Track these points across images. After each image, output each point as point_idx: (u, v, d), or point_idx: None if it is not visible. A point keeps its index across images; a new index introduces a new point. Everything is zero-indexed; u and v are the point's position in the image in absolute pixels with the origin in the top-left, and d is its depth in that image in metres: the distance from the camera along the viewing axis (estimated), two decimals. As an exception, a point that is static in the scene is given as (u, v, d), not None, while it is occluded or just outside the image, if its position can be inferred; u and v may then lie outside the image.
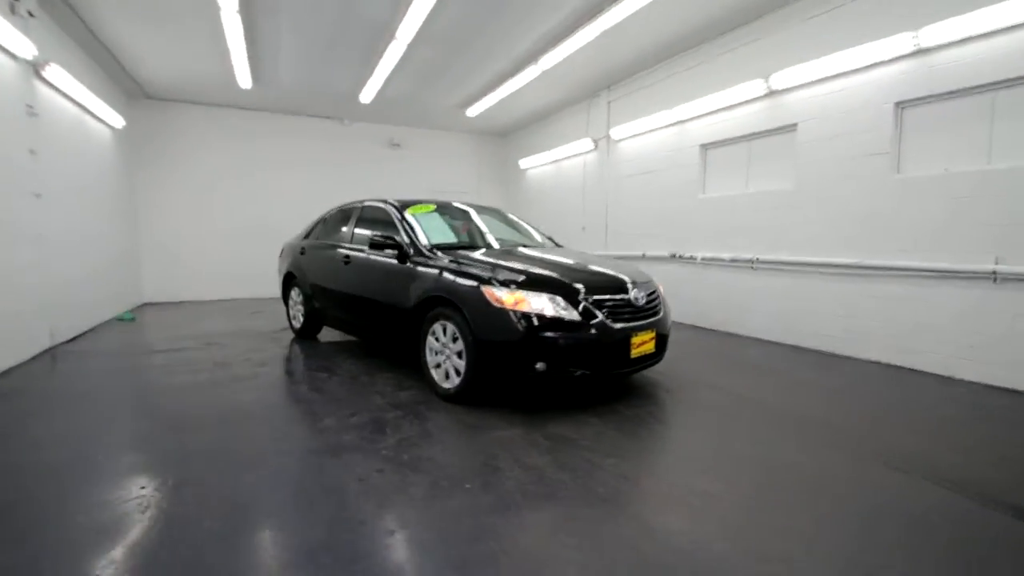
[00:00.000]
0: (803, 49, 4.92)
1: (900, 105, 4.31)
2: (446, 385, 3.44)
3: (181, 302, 8.64)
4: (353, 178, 9.79)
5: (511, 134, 10.94)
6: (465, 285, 3.26)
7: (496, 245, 4.27)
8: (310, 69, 6.96)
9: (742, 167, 5.85)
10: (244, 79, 6.98)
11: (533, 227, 5.01)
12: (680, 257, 6.50)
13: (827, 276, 4.87)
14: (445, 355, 3.43)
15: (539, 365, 3.00)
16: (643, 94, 7.07)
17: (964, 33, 3.82)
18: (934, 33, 3.95)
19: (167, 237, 8.61)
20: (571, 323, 3.05)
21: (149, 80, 7.43)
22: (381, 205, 4.55)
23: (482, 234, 4.42)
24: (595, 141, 8.14)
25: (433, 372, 3.56)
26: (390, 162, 10.14)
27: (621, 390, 3.70)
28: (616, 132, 7.53)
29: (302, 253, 5.45)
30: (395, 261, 3.93)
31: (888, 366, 4.39)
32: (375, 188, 9.75)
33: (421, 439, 2.81)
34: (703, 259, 6.18)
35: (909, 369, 4.27)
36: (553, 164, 9.50)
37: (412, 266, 3.76)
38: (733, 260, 5.79)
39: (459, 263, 3.48)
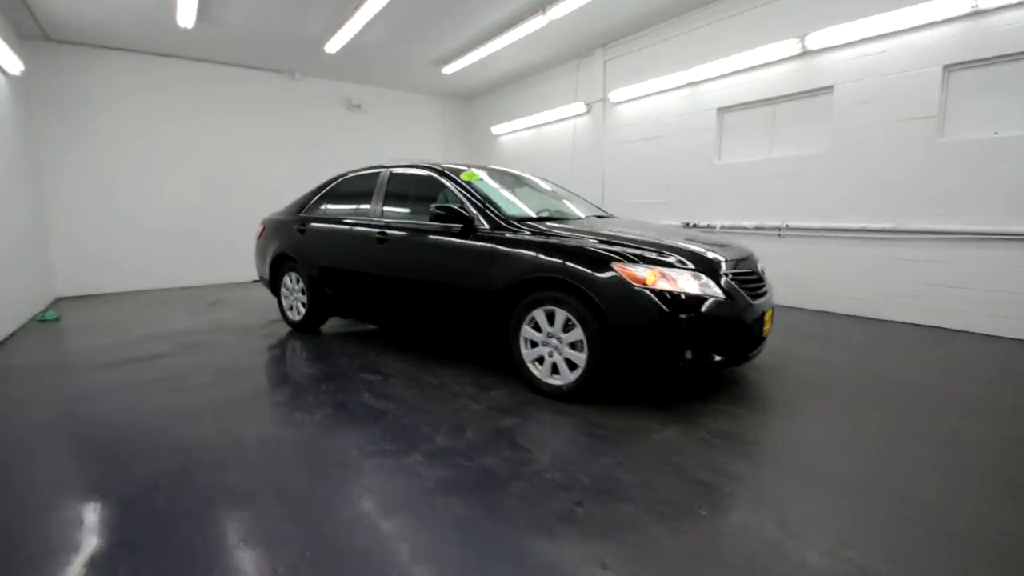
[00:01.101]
0: (842, 7, 4.80)
1: (948, 68, 4.32)
2: (554, 381, 2.95)
3: (104, 294, 7.14)
4: (306, 142, 8.58)
5: (479, 98, 10.15)
6: (588, 263, 2.76)
7: (566, 214, 3.75)
8: (273, 4, 5.77)
9: (764, 131, 5.72)
10: (187, 15, 5.65)
11: (572, 193, 4.52)
12: (695, 226, 6.34)
13: (863, 241, 4.91)
14: (551, 347, 2.93)
15: (688, 353, 2.61)
16: (648, 53, 6.70)
17: (1027, -5, 3.84)
18: (996, -7, 3.95)
19: (80, 214, 6.99)
20: (716, 302, 2.68)
21: (53, 17, 5.78)
22: (422, 172, 3.84)
23: (542, 203, 3.87)
24: (588, 104, 7.69)
25: (533, 367, 3.04)
26: (347, 125, 8.99)
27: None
28: (616, 95, 7.13)
29: (301, 232, 4.54)
30: (459, 239, 3.31)
31: (928, 327, 4.53)
32: (331, 154, 8.67)
33: (579, 453, 2.32)
34: (722, 227, 6.06)
35: (949, 329, 4.42)
36: (533, 130, 8.93)
37: (490, 243, 3.16)
38: (758, 228, 5.71)
39: (562, 237, 2.96)
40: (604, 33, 6.89)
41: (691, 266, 2.72)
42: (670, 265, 2.69)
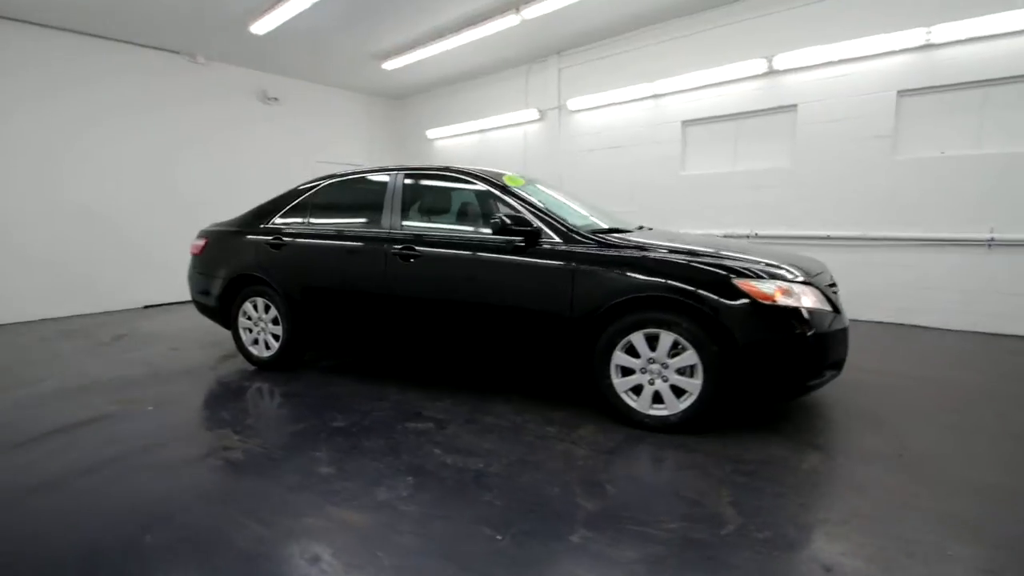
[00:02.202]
0: (808, 32, 5.18)
1: (901, 93, 4.86)
2: (657, 412, 2.62)
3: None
4: (210, 137, 7.21)
5: (410, 98, 9.46)
6: (706, 281, 2.49)
7: (625, 224, 3.44)
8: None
9: (729, 145, 6.00)
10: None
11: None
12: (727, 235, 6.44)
13: (832, 248, 5.33)
14: (652, 374, 2.62)
15: (829, 372, 2.47)
16: (609, 63, 6.70)
17: (969, 34, 4.42)
18: (944, 31, 4.50)
19: None
20: (831, 315, 2.57)
21: None
22: (454, 177, 3.29)
23: (586, 211, 3.53)
24: (541, 111, 7.50)
25: (627, 398, 2.69)
26: (261, 119, 7.76)
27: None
28: (575, 103, 7.03)
29: (275, 247, 3.66)
30: (522, 255, 2.85)
31: (891, 324, 5.04)
32: (241, 152, 7.48)
33: (754, 498, 2.02)
34: (692, 236, 6.22)
35: (912, 326, 4.95)
36: (478, 135, 8.52)
37: (568, 260, 2.76)
38: (727, 236, 5.96)
39: (662, 252, 2.66)
40: (560, 40, 6.76)
41: (802, 279, 2.60)
42: (786, 279, 2.54)
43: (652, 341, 2.60)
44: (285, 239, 3.64)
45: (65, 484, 2.20)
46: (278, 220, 3.78)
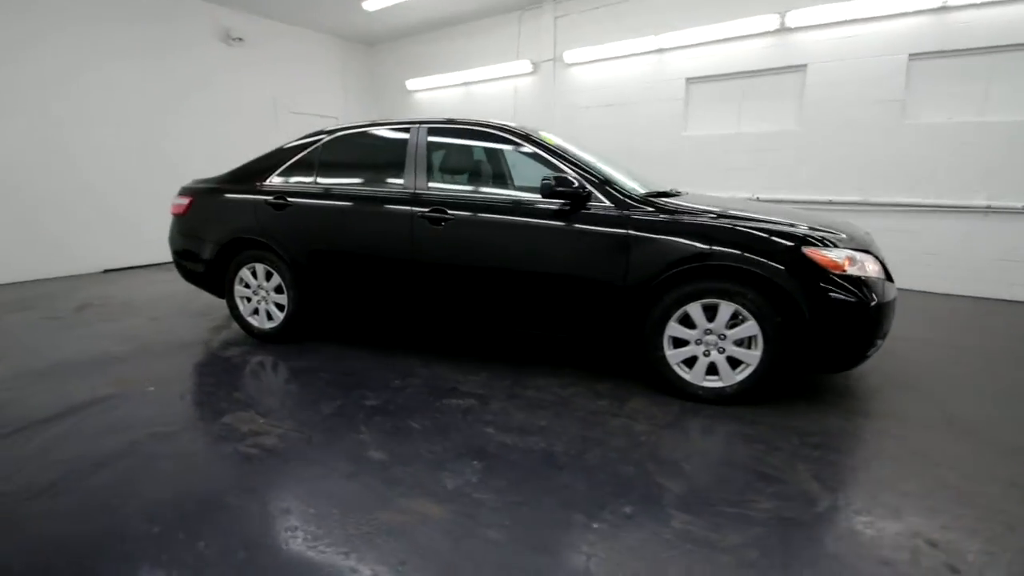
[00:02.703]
0: (822, -12, 5.01)
1: (913, 57, 4.81)
2: (711, 384, 2.55)
3: None
4: (165, 83, 6.44)
5: (386, 44, 8.75)
6: (773, 249, 2.37)
7: (670, 190, 3.26)
8: None
9: (733, 104, 5.86)
10: None
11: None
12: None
13: (833, 213, 5.37)
14: (708, 345, 2.53)
15: (879, 342, 2.44)
16: (609, 13, 6.34)
17: (987, -3, 4.39)
18: (962, -8, 4.44)
19: None
20: (887, 284, 2.53)
21: None
22: (486, 132, 3.02)
23: (626, 173, 3.31)
24: (535, 64, 7.09)
25: (680, 369, 2.60)
26: (223, 63, 6.98)
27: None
28: (571, 55, 6.66)
29: (277, 208, 3.29)
30: (568, 220, 2.66)
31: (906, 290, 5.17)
32: (201, 98, 6.76)
33: (840, 473, 2.00)
34: (692, 199, 6.13)
35: (917, 291, 5.06)
36: (463, 88, 8.01)
37: (621, 227, 2.58)
38: (730, 199, 5.90)
39: (724, 219, 2.51)
40: (557, -15, 6.33)
41: (863, 247, 2.53)
42: (851, 247, 2.46)
43: (708, 311, 2.51)
44: (290, 199, 3.27)
45: (75, 484, 1.92)
46: (277, 179, 3.39)
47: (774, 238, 2.40)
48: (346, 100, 8.61)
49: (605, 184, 2.69)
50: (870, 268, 2.42)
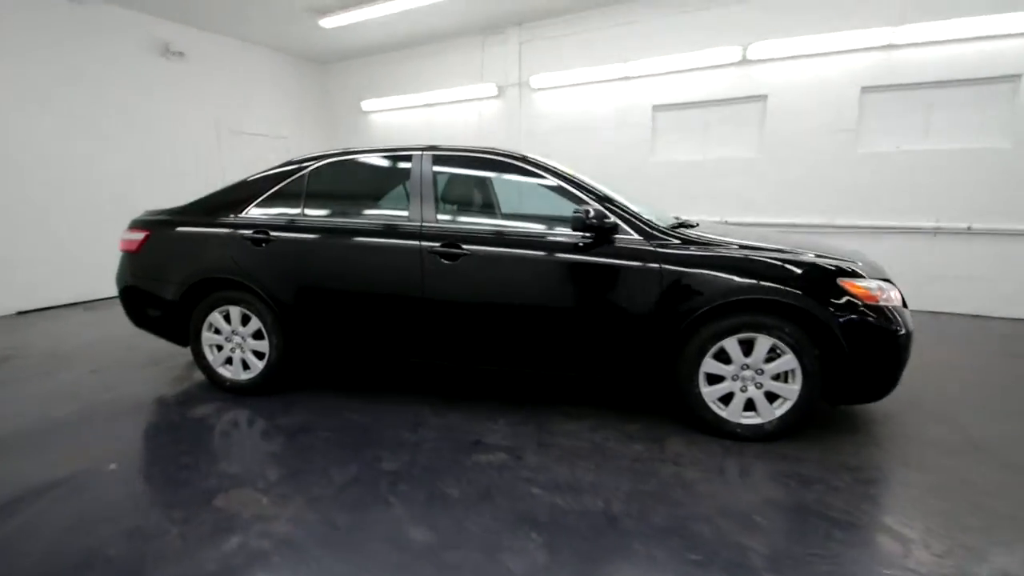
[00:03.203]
0: (780, 22, 5.30)
1: (864, 89, 5.17)
2: (749, 420, 2.48)
3: None
4: (96, 99, 5.75)
5: (339, 64, 8.38)
6: (812, 281, 2.34)
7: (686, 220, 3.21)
8: None
9: (698, 131, 6.05)
10: None
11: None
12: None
13: (798, 235, 5.60)
14: (744, 380, 2.45)
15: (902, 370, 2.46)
16: (575, 41, 6.39)
17: (927, 38, 4.78)
18: (905, 33, 4.82)
19: None
20: (908, 313, 2.58)
21: None
22: (498, 161, 2.85)
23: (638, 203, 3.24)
24: (500, 87, 7.02)
25: (716, 407, 2.50)
26: (161, 79, 6.35)
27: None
28: (538, 80, 6.65)
29: (257, 243, 2.90)
30: (595, 254, 2.53)
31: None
32: (137, 117, 6.13)
33: (912, 513, 1.94)
34: (663, 222, 6.24)
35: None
36: (424, 110, 7.79)
37: (652, 261, 2.47)
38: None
39: (758, 251, 2.46)
40: (519, 11, 6.32)
41: (882, 275, 2.57)
42: (875, 276, 2.48)
43: (743, 345, 2.44)
44: (273, 233, 2.91)
45: None
46: (255, 210, 3.01)
47: (810, 271, 2.38)
48: (298, 121, 8.12)
49: (630, 216, 2.59)
50: (895, 297, 2.45)
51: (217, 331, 3.06)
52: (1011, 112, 4.68)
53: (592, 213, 2.45)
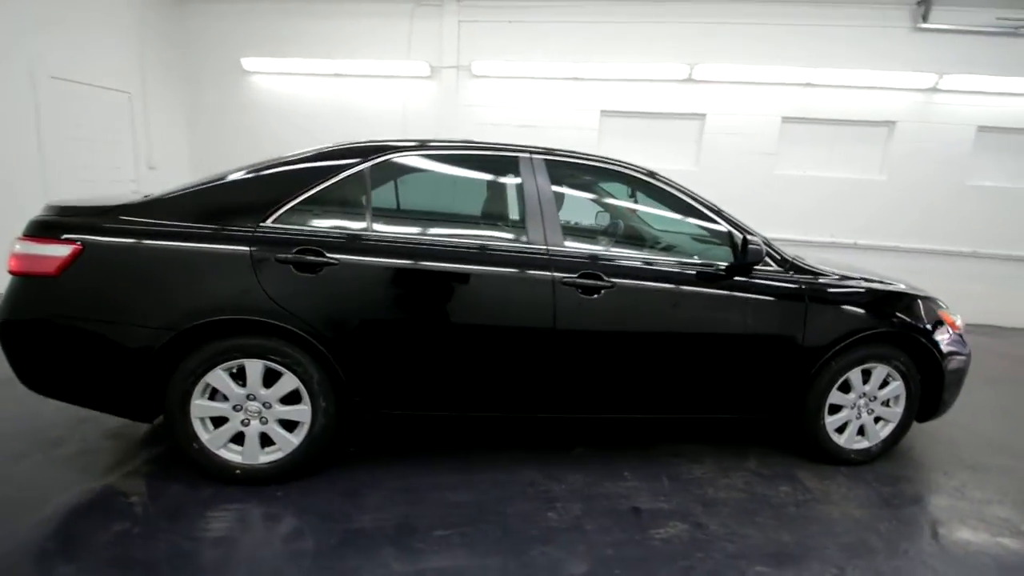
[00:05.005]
0: (723, 47, 5.71)
1: (784, 119, 5.89)
2: (859, 445, 2.59)
3: None
4: None
5: (208, 3, 6.50)
6: (924, 313, 2.51)
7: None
8: None
9: (641, 142, 6.23)
10: None
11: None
12: None
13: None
14: (859, 408, 2.54)
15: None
16: (524, 31, 5.99)
17: (836, 81, 5.65)
18: (820, 75, 5.62)
19: None
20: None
21: None
22: (624, 172, 2.55)
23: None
24: (433, 68, 6.24)
25: (838, 436, 2.54)
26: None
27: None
28: (481, 67, 6.08)
29: (305, 267, 1.99)
30: (736, 289, 2.36)
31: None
32: None
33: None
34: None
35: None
36: (332, 79, 6.52)
37: (791, 295, 2.40)
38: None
39: (873, 282, 2.57)
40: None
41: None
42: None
43: (867, 375, 2.53)
44: (330, 255, 2.02)
45: None
46: (288, 218, 2.07)
47: (922, 303, 2.56)
48: (148, 73, 6.09)
49: (770, 245, 2.47)
50: (959, 324, 2.79)
51: (222, 397, 2.05)
52: (886, 152, 5.83)
53: (759, 244, 2.26)
